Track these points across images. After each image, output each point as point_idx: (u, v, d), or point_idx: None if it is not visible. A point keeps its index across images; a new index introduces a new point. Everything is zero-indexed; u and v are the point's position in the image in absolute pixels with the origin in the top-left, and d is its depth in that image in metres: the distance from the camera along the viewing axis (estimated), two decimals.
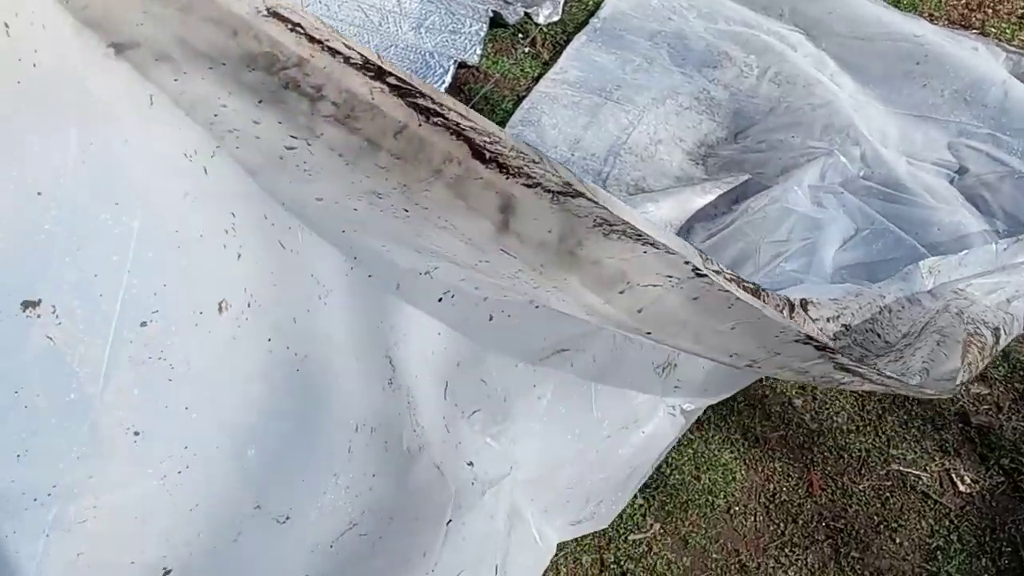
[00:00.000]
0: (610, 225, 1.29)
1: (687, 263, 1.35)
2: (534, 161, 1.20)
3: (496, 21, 3.83)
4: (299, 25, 1.03)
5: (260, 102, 1.08)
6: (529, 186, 1.22)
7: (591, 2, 3.99)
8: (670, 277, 1.37)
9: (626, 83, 3.59)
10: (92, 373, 1.10)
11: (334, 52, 1.04)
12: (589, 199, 1.25)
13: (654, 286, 1.39)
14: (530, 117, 3.43)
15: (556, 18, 3.92)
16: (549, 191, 1.23)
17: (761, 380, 2.75)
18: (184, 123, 1.12)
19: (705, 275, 1.36)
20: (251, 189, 1.23)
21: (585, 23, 3.87)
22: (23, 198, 1.01)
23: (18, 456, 1.07)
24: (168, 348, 1.15)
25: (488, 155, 1.18)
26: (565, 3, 3.96)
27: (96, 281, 1.08)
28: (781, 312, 1.47)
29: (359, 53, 1.05)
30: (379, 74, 1.08)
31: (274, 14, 1.02)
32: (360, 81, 1.07)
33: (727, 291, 1.39)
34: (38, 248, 1.03)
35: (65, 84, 1.01)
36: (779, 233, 2.76)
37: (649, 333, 1.50)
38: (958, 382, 2.01)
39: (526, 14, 3.88)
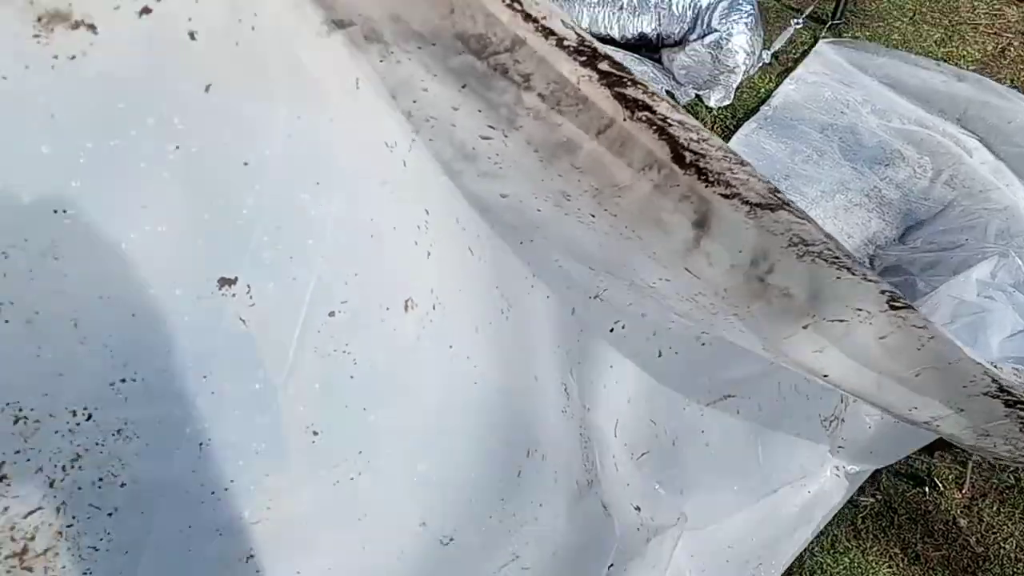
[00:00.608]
0: (807, 245, 1.20)
1: (883, 292, 1.26)
2: (740, 163, 1.13)
3: None
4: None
5: (464, 87, 1.03)
6: (727, 196, 1.15)
7: (763, 89, 3.99)
8: (860, 311, 1.28)
9: (795, 173, 3.54)
10: (278, 362, 1.03)
11: (548, 32, 0.98)
12: (791, 211, 1.17)
13: (841, 321, 1.29)
14: None
15: (727, 103, 3.93)
16: (747, 202, 1.16)
17: (924, 494, 2.60)
18: (386, 109, 1.07)
19: (900, 308, 1.27)
20: (444, 187, 1.17)
21: (755, 110, 3.88)
22: (230, 166, 0.96)
23: (200, 445, 1.00)
24: (353, 342, 1.08)
25: (688, 158, 1.11)
26: (737, 88, 3.96)
27: (291, 263, 1.02)
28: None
29: (575, 32, 0.99)
30: (592, 58, 1.01)
31: None
32: (570, 68, 1.01)
33: (922, 328, 1.29)
34: (239, 221, 0.98)
35: (280, 54, 0.97)
36: (941, 316, 2.61)
37: (826, 376, 1.39)
38: None
39: (697, 96, 3.89)
